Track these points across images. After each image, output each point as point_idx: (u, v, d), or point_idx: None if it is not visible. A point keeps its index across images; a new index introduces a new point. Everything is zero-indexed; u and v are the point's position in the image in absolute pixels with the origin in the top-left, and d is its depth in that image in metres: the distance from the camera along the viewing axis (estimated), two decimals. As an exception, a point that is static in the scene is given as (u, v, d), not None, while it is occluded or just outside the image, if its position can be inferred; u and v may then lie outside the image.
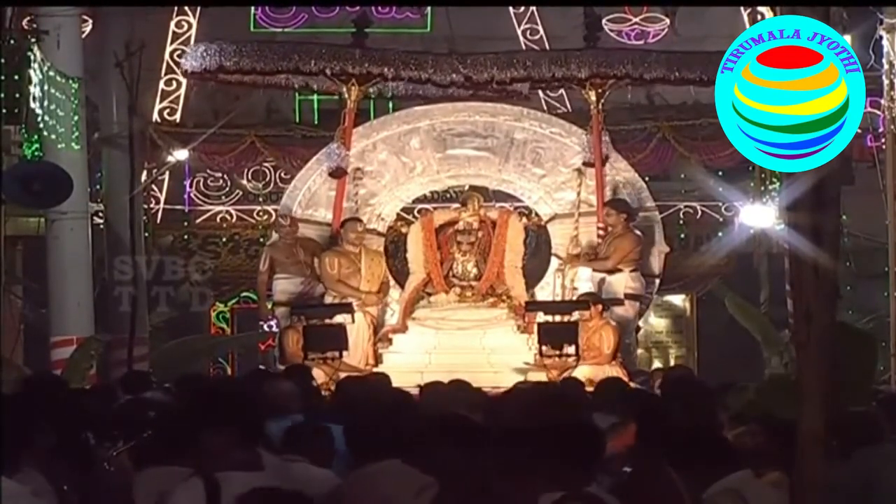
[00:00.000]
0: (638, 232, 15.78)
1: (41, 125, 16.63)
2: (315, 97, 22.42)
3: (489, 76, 16.02)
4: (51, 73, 16.58)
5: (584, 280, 15.84)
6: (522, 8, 23.14)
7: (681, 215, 22.26)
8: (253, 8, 23.26)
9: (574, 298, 15.65)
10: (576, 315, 14.96)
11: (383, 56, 16.12)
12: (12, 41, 16.41)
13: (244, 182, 22.48)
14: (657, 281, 16.21)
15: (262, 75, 16.27)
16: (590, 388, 10.69)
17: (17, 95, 16.27)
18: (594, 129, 16.05)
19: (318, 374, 13.93)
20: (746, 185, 21.74)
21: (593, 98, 16.12)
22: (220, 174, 22.47)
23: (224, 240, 22.27)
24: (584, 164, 16.14)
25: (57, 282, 17.20)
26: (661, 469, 6.22)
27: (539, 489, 5.56)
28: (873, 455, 7.55)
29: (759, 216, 20.76)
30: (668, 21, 23.33)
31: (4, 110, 16.03)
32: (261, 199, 22.44)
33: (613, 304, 15.31)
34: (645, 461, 6.47)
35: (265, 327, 21.51)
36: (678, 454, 6.22)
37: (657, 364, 22.54)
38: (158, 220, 22.14)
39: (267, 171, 22.40)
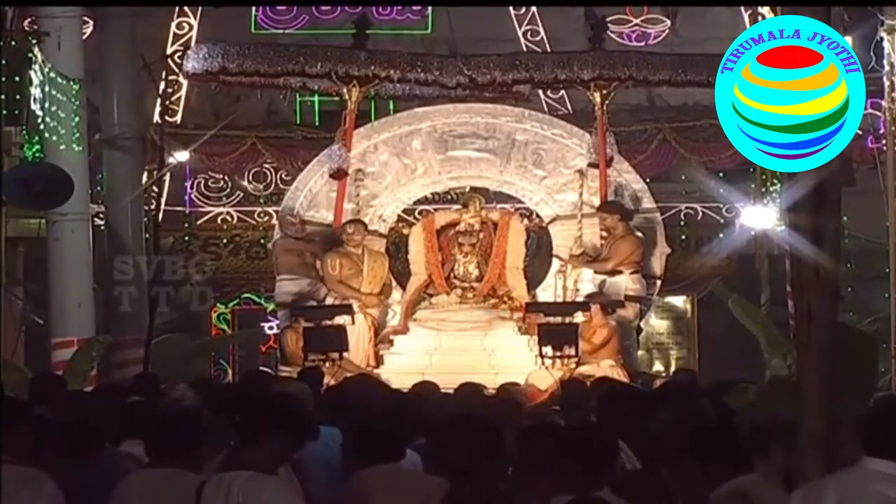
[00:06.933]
0: (639, 234, 15.80)
1: (42, 127, 16.61)
2: (316, 98, 22.41)
3: (493, 78, 16.04)
4: (52, 75, 16.56)
5: (587, 281, 15.86)
6: (523, 9, 23.11)
7: (682, 217, 22.23)
8: (254, 9, 23.23)
9: (576, 300, 15.67)
10: (577, 316, 14.98)
11: (389, 58, 16.14)
12: (13, 42, 16.39)
13: (245, 183, 22.46)
14: (658, 282, 16.21)
15: (267, 78, 16.28)
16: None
17: (18, 97, 16.24)
18: (599, 130, 16.06)
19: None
20: (747, 186, 21.72)
21: (597, 99, 16.13)
22: (220, 175, 22.45)
23: (225, 241, 22.25)
24: (589, 165, 16.15)
25: (58, 283, 17.18)
26: (652, 469, 6.22)
27: (550, 493, 5.55)
28: None
29: (760, 218, 20.73)
30: (668, 23, 23.31)
31: (5, 112, 16.01)
32: (262, 201, 22.42)
33: (616, 306, 15.32)
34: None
35: (266, 328, 21.52)
36: (685, 453, 6.21)
37: (658, 366, 22.54)
38: (159, 222, 22.10)
39: (268, 173, 22.38)
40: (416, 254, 16.32)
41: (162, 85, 20.35)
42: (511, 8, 22.88)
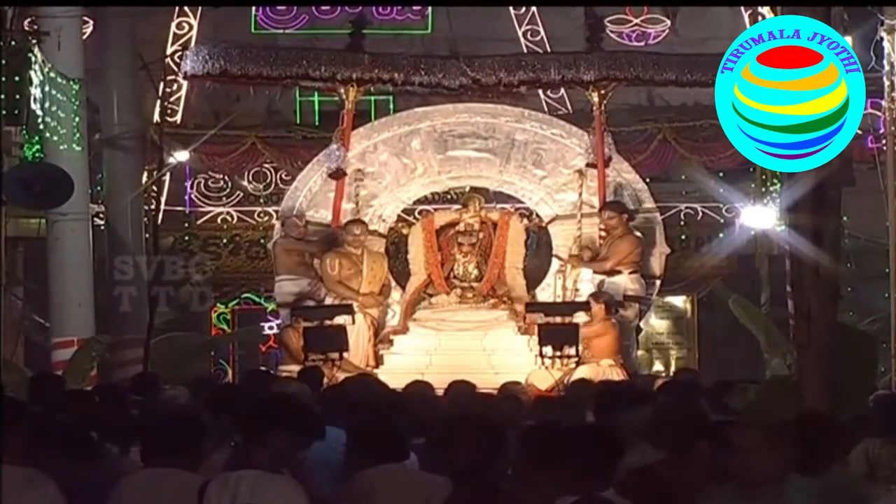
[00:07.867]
0: (638, 234, 15.79)
1: (42, 126, 16.62)
2: (316, 98, 22.42)
3: (497, 79, 16.03)
4: (52, 75, 16.57)
5: (586, 281, 15.85)
6: (523, 9, 23.11)
7: (682, 216, 22.22)
8: (254, 9, 23.22)
9: (576, 299, 15.66)
10: (577, 316, 14.97)
11: (392, 61, 16.14)
12: (13, 42, 16.40)
13: (245, 183, 22.44)
14: (658, 282, 16.20)
15: (270, 80, 16.28)
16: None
17: (18, 97, 16.26)
18: (597, 130, 16.07)
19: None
20: (747, 186, 21.71)
21: (596, 99, 16.13)
22: (220, 175, 22.43)
23: (225, 241, 22.24)
24: (588, 165, 16.15)
25: (58, 283, 17.19)
26: (656, 469, 6.22)
27: (554, 493, 5.55)
28: None
29: (760, 217, 20.72)
30: (668, 22, 23.30)
31: (5, 111, 16.01)
32: (262, 201, 22.41)
33: (616, 306, 15.32)
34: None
35: (266, 328, 21.51)
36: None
37: (658, 366, 22.53)
38: (159, 221, 22.09)
39: (268, 173, 22.36)
40: (415, 254, 16.32)
41: (161, 85, 20.34)
42: (511, 8, 22.87)
